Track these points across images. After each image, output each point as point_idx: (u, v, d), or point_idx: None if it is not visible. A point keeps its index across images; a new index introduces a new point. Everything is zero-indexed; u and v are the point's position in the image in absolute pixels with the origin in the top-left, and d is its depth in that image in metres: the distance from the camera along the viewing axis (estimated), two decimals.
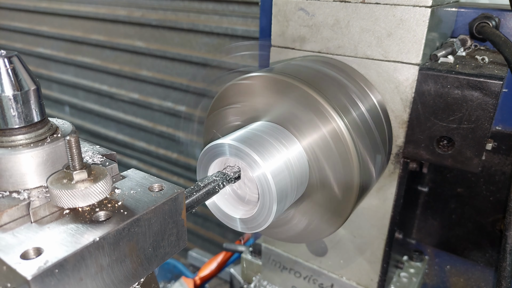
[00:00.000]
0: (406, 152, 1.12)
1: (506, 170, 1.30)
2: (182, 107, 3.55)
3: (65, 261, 0.47)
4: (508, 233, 1.04)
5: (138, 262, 0.57)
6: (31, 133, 0.59)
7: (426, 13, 1.00)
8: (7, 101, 0.56)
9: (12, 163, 0.56)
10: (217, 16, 3.13)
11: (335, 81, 1.05)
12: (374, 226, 1.23)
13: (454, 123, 1.03)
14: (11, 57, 0.57)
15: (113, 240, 0.52)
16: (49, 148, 0.59)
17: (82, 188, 0.54)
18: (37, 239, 0.50)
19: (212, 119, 1.07)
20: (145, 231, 0.57)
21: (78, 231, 0.51)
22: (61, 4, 4.24)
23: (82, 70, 4.32)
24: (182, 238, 0.64)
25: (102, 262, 0.51)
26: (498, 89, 0.96)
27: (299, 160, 0.91)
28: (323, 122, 0.90)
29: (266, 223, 0.85)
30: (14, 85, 0.56)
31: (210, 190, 0.76)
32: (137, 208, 0.57)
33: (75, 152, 0.54)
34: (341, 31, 1.12)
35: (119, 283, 0.55)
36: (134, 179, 0.65)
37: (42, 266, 0.45)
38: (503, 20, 1.26)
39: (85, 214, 0.55)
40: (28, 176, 0.58)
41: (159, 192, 0.61)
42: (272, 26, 1.25)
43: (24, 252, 0.47)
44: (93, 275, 0.51)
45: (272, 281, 1.57)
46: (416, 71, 1.04)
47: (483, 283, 1.53)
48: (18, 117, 0.58)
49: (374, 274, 1.29)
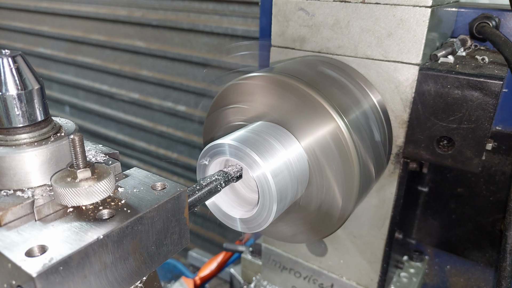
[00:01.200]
0: (406, 152, 1.12)
1: (506, 170, 1.30)
2: (182, 107, 3.55)
3: (70, 258, 0.47)
4: (508, 233, 1.04)
5: (141, 260, 0.57)
6: (35, 132, 0.60)
7: (426, 13, 1.00)
8: (11, 100, 0.57)
9: (16, 161, 0.57)
10: (217, 16, 3.13)
11: (335, 81, 1.05)
12: (374, 226, 1.23)
13: (454, 123, 1.03)
14: (15, 57, 0.57)
15: (117, 238, 0.53)
16: (52, 146, 0.59)
17: (86, 187, 0.55)
18: (42, 237, 0.50)
19: (212, 119, 1.07)
20: (148, 229, 0.57)
21: (82, 229, 0.52)
22: (62, 4, 4.24)
23: (83, 70, 4.32)
24: (184, 236, 0.65)
25: (106, 260, 0.52)
26: (498, 89, 0.96)
27: (299, 160, 0.91)
28: (323, 122, 0.90)
29: (266, 223, 0.84)
30: (18, 84, 0.57)
31: (212, 189, 0.76)
32: (140, 207, 0.57)
33: (79, 150, 0.55)
34: (341, 31, 1.12)
35: (122, 281, 0.55)
36: (137, 178, 0.65)
37: (47, 264, 0.45)
38: (503, 20, 1.26)
39: (89, 212, 0.55)
40: (32, 175, 0.58)
41: (162, 190, 0.62)
42: (272, 26, 1.25)
43: (29, 250, 0.48)
44: (97, 273, 0.51)
45: (272, 281, 1.57)
46: (416, 71, 1.04)
47: (483, 283, 1.53)
48: (22, 116, 0.58)
49: (374, 274, 1.29)
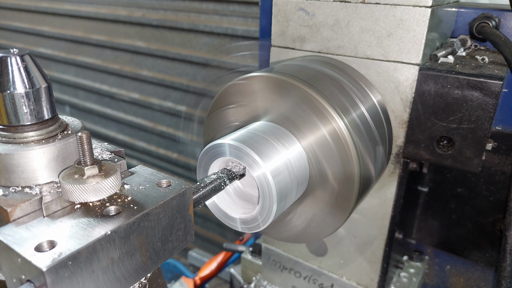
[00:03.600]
0: (406, 152, 1.12)
1: (506, 170, 1.31)
2: (183, 107, 3.55)
3: (78, 253, 0.48)
4: (508, 233, 1.04)
5: (147, 256, 0.58)
6: (43, 130, 0.61)
7: (426, 13, 1.00)
8: (19, 98, 0.58)
9: (24, 159, 0.58)
10: (218, 16, 3.14)
11: (335, 81, 1.05)
12: (374, 226, 1.23)
13: (454, 123, 1.03)
14: (23, 55, 0.59)
15: (124, 233, 0.53)
16: (60, 144, 0.60)
17: (94, 183, 0.55)
18: (50, 233, 0.51)
19: (212, 119, 1.07)
20: (154, 226, 0.58)
21: (89, 225, 0.53)
22: (62, 4, 4.24)
23: (83, 70, 4.32)
24: (189, 233, 0.65)
25: (113, 255, 0.53)
26: (498, 89, 0.96)
27: (299, 160, 0.91)
28: (323, 122, 0.90)
29: (266, 223, 0.85)
30: (26, 82, 0.58)
31: (216, 186, 0.77)
32: (147, 203, 0.58)
33: (87, 148, 0.56)
34: (341, 31, 1.13)
35: (129, 276, 0.56)
36: (142, 175, 0.66)
37: (56, 258, 0.46)
38: (503, 20, 1.27)
39: (96, 209, 0.56)
40: (39, 172, 0.59)
41: (167, 187, 0.63)
42: (272, 26, 1.25)
43: (38, 245, 0.48)
44: (105, 268, 0.52)
45: (272, 281, 1.57)
46: (416, 71, 1.04)
47: (483, 283, 1.53)
48: (30, 114, 0.59)
49: (374, 274, 1.29)
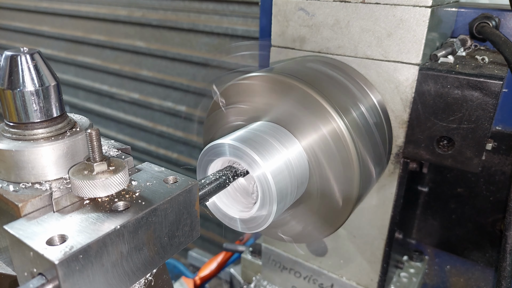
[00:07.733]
0: (406, 152, 1.12)
1: (506, 170, 1.31)
2: (182, 107, 3.56)
3: (89, 247, 0.49)
4: (508, 233, 1.05)
5: (154, 251, 0.59)
6: (52, 127, 0.62)
7: (426, 13, 1.00)
8: (29, 96, 0.59)
9: (34, 155, 0.59)
10: (218, 16, 3.14)
11: (335, 81, 1.05)
12: (374, 226, 1.23)
13: (454, 123, 1.03)
14: (33, 54, 0.59)
15: (133, 228, 0.55)
16: (69, 141, 0.61)
17: (103, 179, 0.57)
18: (61, 227, 0.52)
19: (212, 119, 1.07)
20: (161, 221, 0.59)
21: (99, 220, 0.54)
22: (62, 4, 4.25)
23: (83, 70, 4.33)
24: (195, 228, 0.67)
25: (122, 249, 0.54)
26: (498, 89, 0.96)
27: (299, 160, 0.91)
28: (323, 122, 0.90)
29: (266, 223, 0.85)
30: (36, 81, 0.59)
31: (221, 183, 0.78)
32: (154, 199, 0.59)
33: (96, 144, 0.57)
34: (341, 31, 1.13)
35: (137, 270, 0.57)
36: (149, 172, 0.67)
37: (68, 252, 0.47)
38: (503, 20, 1.27)
39: (105, 204, 0.57)
40: (49, 168, 0.60)
41: (174, 184, 0.64)
42: (272, 26, 1.25)
43: (49, 239, 0.49)
44: (114, 262, 0.53)
45: (272, 281, 1.57)
46: (416, 71, 1.05)
47: (483, 283, 1.53)
48: (39, 111, 0.60)
49: (374, 274, 1.29)
